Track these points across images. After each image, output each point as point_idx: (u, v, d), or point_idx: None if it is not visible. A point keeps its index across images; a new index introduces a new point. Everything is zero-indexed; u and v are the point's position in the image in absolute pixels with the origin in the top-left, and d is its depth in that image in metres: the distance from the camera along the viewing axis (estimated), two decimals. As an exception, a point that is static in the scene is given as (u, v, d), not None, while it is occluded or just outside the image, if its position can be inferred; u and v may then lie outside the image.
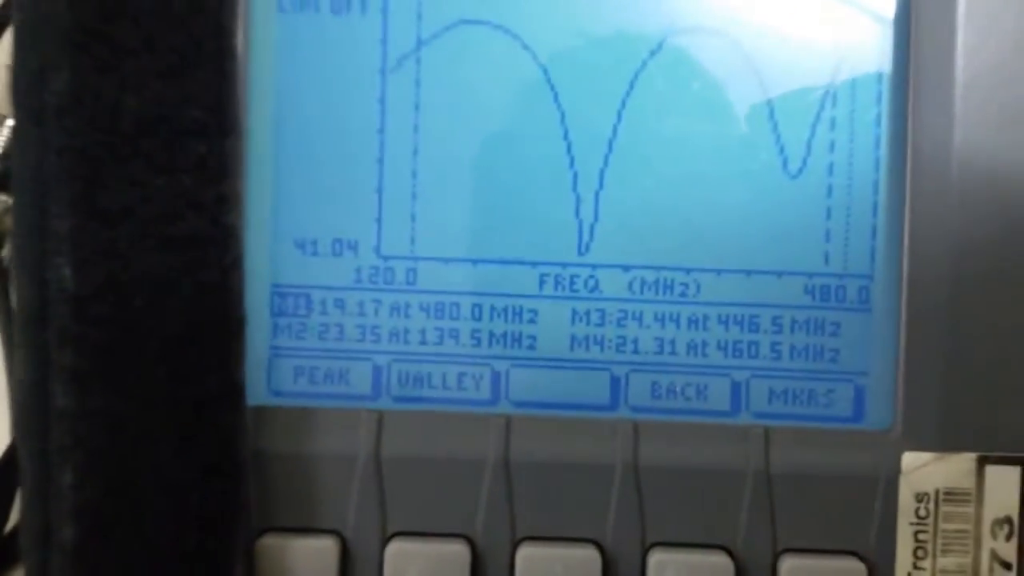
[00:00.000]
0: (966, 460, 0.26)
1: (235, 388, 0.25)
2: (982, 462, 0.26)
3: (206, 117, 0.25)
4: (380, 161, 0.28)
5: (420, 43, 0.27)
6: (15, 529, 0.32)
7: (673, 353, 0.28)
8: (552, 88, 0.27)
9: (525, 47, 0.27)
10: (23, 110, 0.24)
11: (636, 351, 0.28)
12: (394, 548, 0.27)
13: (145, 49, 0.24)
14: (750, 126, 0.27)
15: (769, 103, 0.27)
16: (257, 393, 0.27)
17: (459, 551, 0.27)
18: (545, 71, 0.27)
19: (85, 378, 0.24)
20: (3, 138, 0.34)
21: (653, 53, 0.27)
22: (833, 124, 0.27)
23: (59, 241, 0.24)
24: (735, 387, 0.27)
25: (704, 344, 0.27)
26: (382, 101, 0.27)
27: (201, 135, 0.25)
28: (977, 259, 0.26)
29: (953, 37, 0.26)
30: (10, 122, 0.34)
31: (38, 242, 0.24)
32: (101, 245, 0.24)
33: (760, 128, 0.27)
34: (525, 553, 0.27)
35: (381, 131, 0.28)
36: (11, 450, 0.31)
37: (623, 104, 0.27)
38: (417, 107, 0.28)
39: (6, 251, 0.34)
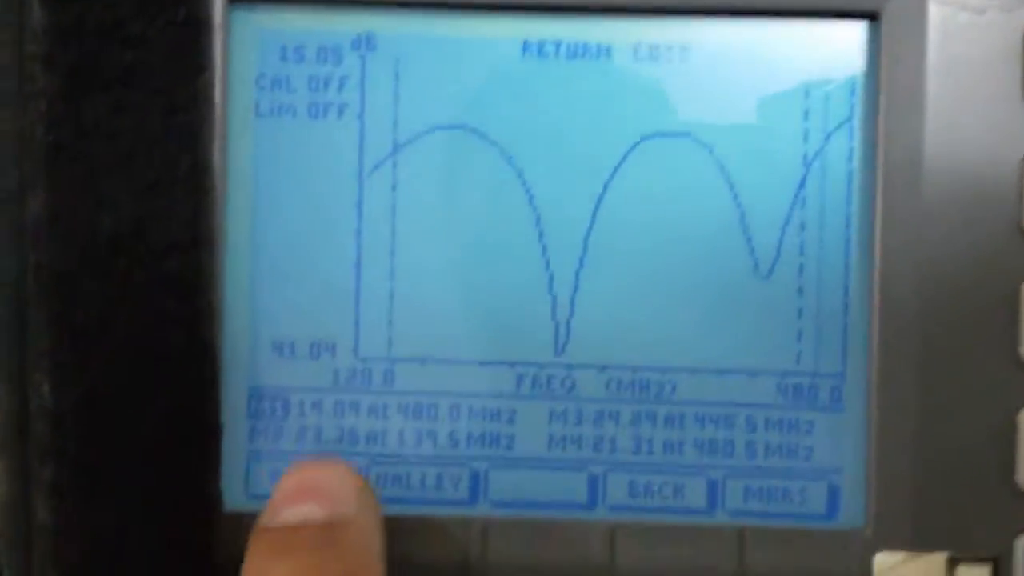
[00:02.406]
0: (937, 560, 0.26)
1: (213, 499, 0.25)
2: (952, 563, 0.26)
3: (181, 232, 0.25)
4: (357, 264, 0.28)
5: (396, 148, 0.28)
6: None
7: (651, 452, 0.28)
8: (527, 191, 0.28)
9: (500, 151, 0.28)
10: (2, 229, 0.25)
11: (614, 450, 0.28)
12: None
13: (121, 168, 0.25)
14: (721, 229, 0.28)
15: (739, 207, 0.28)
16: (235, 497, 0.27)
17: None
18: (520, 174, 0.28)
19: (64, 493, 0.24)
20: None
21: (625, 157, 0.28)
22: (803, 226, 0.28)
23: (38, 357, 0.24)
24: (711, 485, 0.28)
25: (681, 443, 0.28)
26: (359, 204, 0.28)
27: (176, 250, 0.25)
28: (949, 359, 0.27)
29: (920, 134, 0.27)
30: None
31: (18, 358, 0.24)
32: (79, 361, 0.24)
33: (731, 231, 0.28)
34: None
35: (358, 234, 0.28)
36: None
37: (597, 207, 0.28)
38: (394, 210, 0.28)
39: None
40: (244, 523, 0.27)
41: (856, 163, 0.27)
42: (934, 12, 0.27)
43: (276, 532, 0.24)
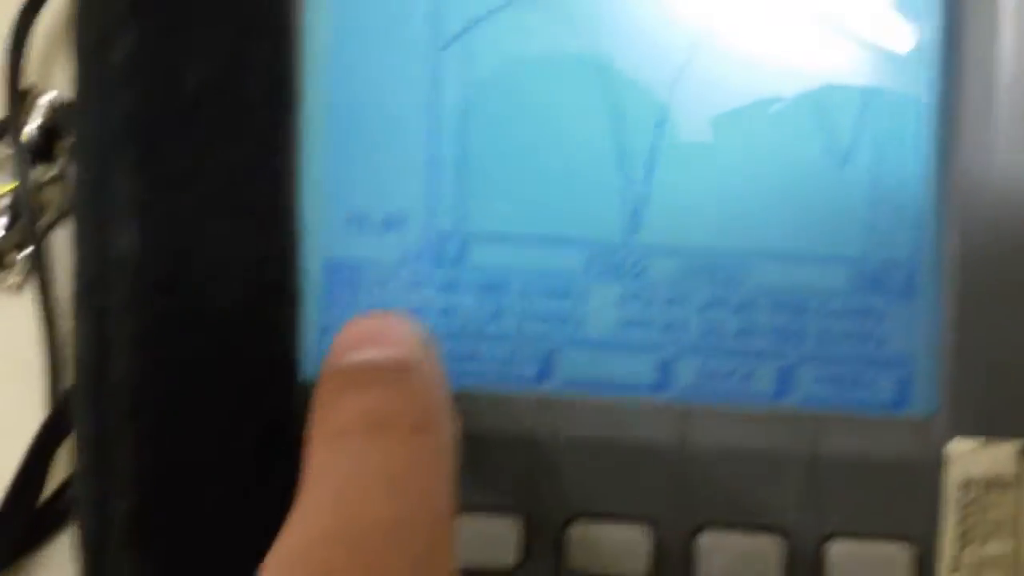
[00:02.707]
0: (1010, 448, 0.26)
1: (289, 361, 0.25)
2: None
3: (266, 89, 0.25)
4: (432, 136, 0.28)
5: (473, 21, 0.28)
6: (49, 500, 0.32)
7: (721, 337, 0.28)
8: (605, 66, 0.27)
9: (579, 24, 0.27)
10: (86, 74, 0.24)
11: (685, 334, 0.28)
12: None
13: (208, 18, 0.24)
14: (798, 113, 0.27)
15: (817, 90, 0.27)
16: (308, 369, 0.27)
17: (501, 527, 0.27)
18: (598, 48, 0.27)
19: (145, 346, 0.24)
20: (41, 110, 0.34)
21: (706, 35, 0.27)
22: (880, 114, 0.27)
23: (121, 207, 0.24)
24: (782, 371, 0.28)
25: (752, 329, 0.28)
26: (434, 77, 0.28)
27: (261, 107, 0.25)
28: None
29: (995, 19, 0.27)
30: (51, 92, 0.34)
31: (100, 208, 0.24)
32: (162, 212, 0.24)
33: (807, 116, 0.27)
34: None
35: (433, 106, 0.28)
36: (46, 425, 0.31)
37: (675, 84, 0.27)
38: (469, 84, 0.28)
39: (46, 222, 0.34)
40: (314, 393, 0.27)
41: (936, 49, 0.27)
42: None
43: (347, 370, 0.23)
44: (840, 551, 0.27)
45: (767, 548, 0.27)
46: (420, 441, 0.22)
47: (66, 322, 0.32)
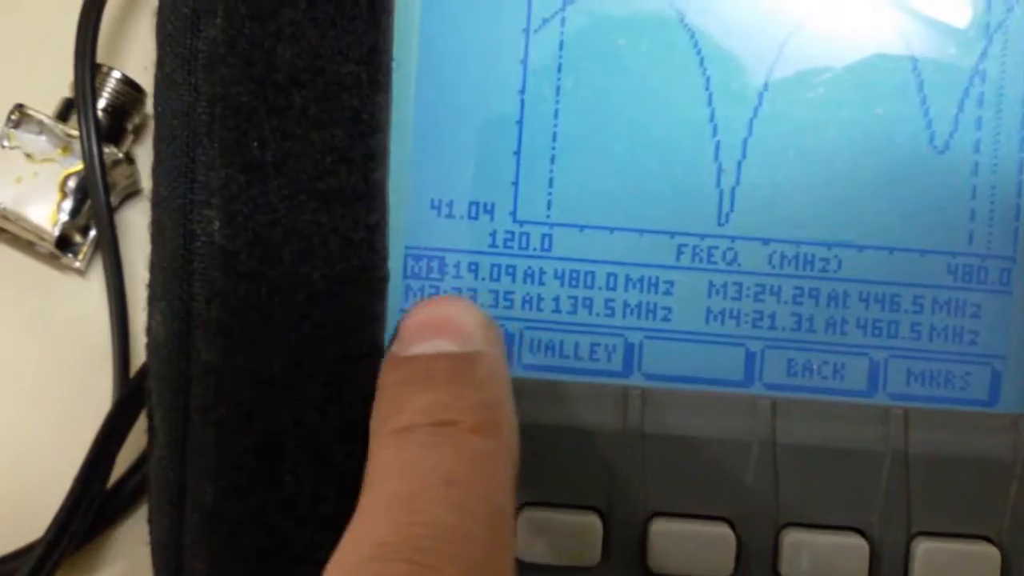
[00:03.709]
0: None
1: (376, 348, 0.25)
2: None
3: (359, 70, 0.24)
4: (520, 123, 0.27)
5: (565, 4, 0.27)
6: (117, 484, 0.31)
7: (811, 330, 0.27)
8: (699, 54, 0.27)
9: (673, 10, 0.27)
10: (172, 56, 0.24)
11: (773, 326, 0.27)
12: (526, 518, 0.26)
13: (306, 8, 0.24)
14: (897, 99, 0.27)
15: (917, 76, 0.27)
16: (388, 355, 0.27)
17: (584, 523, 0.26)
18: (693, 36, 0.27)
19: (231, 333, 0.24)
20: (111, 87, 0.33)
21: (802, 20, 0.27)
22: (981, 101, 0.27)
23: (209, 193, 0.24)
24: (873, 366, 0.27)
25: (843, 322, 0.27)
26: (524, 62, 0.27)
27: (354, 89, 0.24)
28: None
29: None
30: (116, 73, 0.33)
31: (186, 193, 0.24)
32: (252, 198, 0.24)
33: (907, 101, 0.27)
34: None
35: (522, 92, 0.27)
36: (115, 409, 0.30)
37: (770, 72, 0.27)
38: (560, 69, 0.27)
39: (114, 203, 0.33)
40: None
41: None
42: None
43: (412, 362, 0.23)
44: (927, 550, 0.26)
45: (853, 546, 0.26)
46: (483, 441, 0.22)
47: (135, 306, 0.32)
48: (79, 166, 0.32)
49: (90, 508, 0.30)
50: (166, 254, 0.24)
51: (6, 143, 0.33)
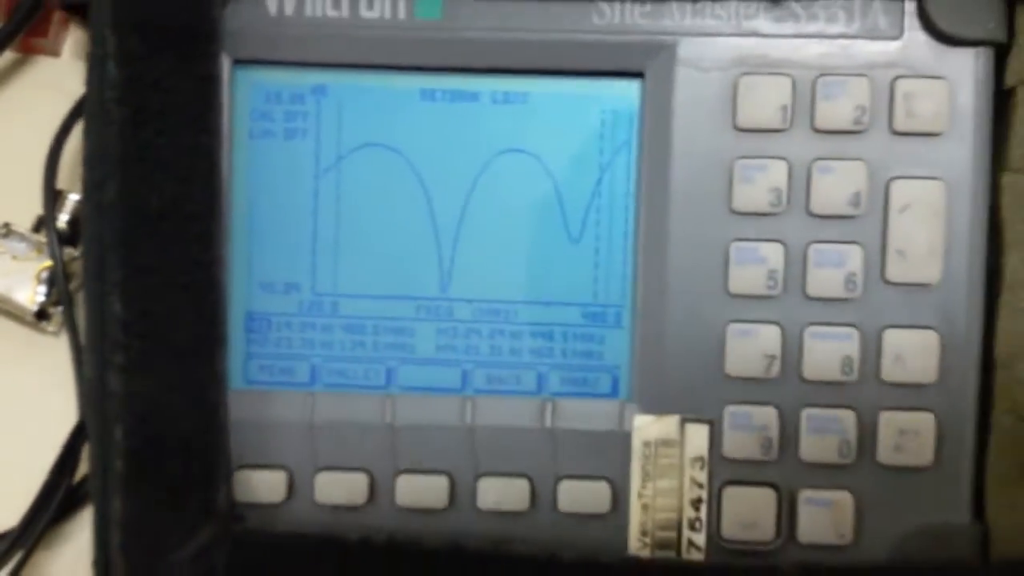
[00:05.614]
0: (673, 419, 0.42)
1: (222, 376, 0.41)
2: (683, 421, 0.42)
3: (203, 206, 0.40)
4: (314, 232, 0.43)
5: (339, 157, 0.43)
6: (82, 479, 0.47)
7: (501, 355, 0.43)
8: (422, 185, 0.43)
9: (405, 160, 0.43)
10: (89, 205, 0.40)
11: (478, 354, 0.43)
12: (322, 477, 0.42)
13: (164, 167, 0.40)
14: (547, 210, 0.43)
15: (559, 194, 0.43)
16: (237, 381, 0.43)
17: (357, 479, 0.42)
18: (418, 174, 0.43)
19: (130, 371, 0.40)
20: (69, 207, 0.49)
21: (488, 163, 0.43)
22: (599, 208, 0.43)
23: (113, 285, 0.40)
24: (540, 376, 0.43)
25: (520, 349, 0.43)
26: (315, 194, 0.43)
27: (200, 219, 0.40)
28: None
29: (668, 152, 0.42)
30: (73, 196, 0.50)
31: (99, 285, 0.40)
32: (140, 289, 0.40)
33: (553, 211, 0.43)
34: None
35: (315, 212, 0.43)
36: (77, 428, 0.46)
37: (468, 196, 0.43)
38: (338, 198, 0.43)
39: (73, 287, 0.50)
40: (241, 396, 0.42)
41: (632, 169, 0.43)
42: (680, 73, 0.42)
43: None
44: (568, 487, 0.42)
45: (518, 487, 0.42)
46: None
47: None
48: (49, 263, 0.49)
49: (59, 495, 0.46)
50: (89, 324, 0.40)
51: None
